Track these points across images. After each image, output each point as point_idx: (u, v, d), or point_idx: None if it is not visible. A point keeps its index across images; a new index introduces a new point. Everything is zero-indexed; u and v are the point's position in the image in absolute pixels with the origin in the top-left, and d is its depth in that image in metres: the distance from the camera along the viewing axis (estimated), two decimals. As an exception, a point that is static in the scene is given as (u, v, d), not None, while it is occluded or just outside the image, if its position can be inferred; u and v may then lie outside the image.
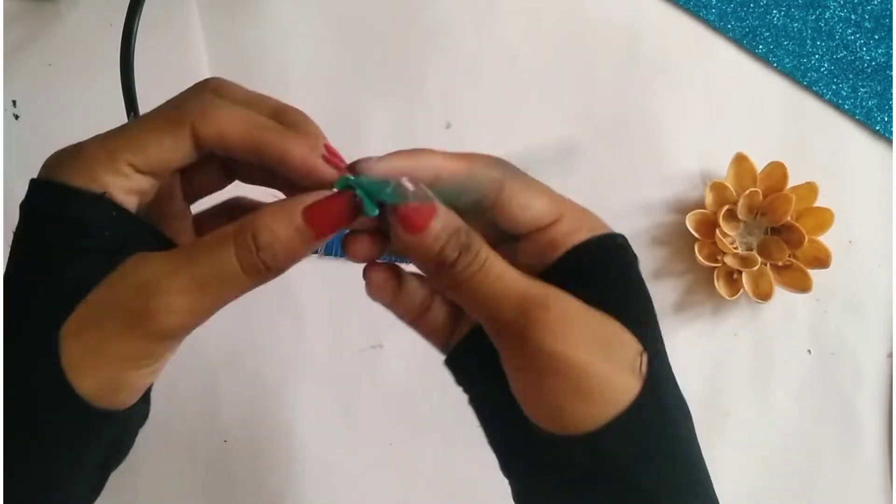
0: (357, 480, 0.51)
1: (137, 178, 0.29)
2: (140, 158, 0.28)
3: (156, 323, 0.27)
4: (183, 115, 0.29)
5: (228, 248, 0.27)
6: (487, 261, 0.29)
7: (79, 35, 0.53)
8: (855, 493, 0.51)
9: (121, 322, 0.27)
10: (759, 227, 0.52)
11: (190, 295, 0.27)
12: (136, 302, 0.27)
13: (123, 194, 0.29)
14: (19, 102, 0.52)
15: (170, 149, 0.29)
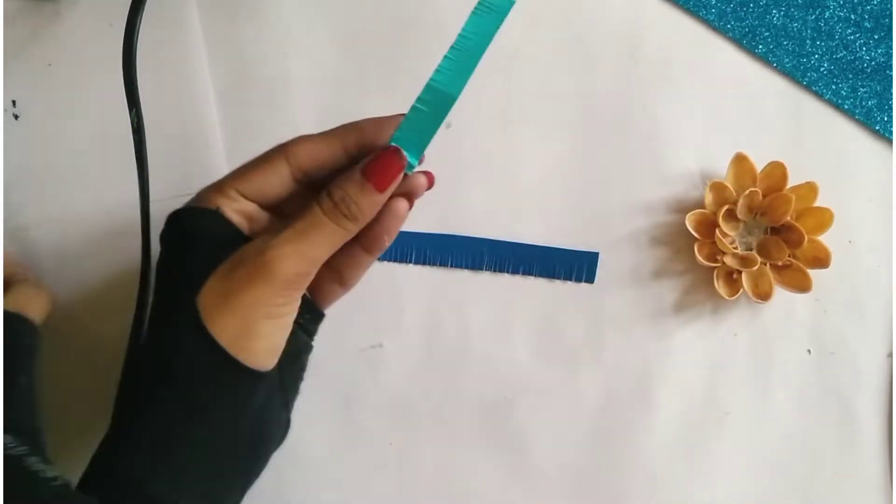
0: (357, 480, 0.51)
1: (243, 202, 0.38)
2: (244, 185, 0.38)
3: (273, 265, 0.34)
4: (279, 149, 0.38)
5: (314, 207, 0.36)
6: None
7: (79, 35, 0.53)
8: (855, 492, 0.51)
9: (245, 275, 0.35)
10: (758, 227, 0.52)
11: (295, 242, 0.35)
12: (254, 257, 0.35)
13: (232, 213, 0.38)
14: (19, 102, 0.52)
15: (268, 176, 0.38)
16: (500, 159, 0.53)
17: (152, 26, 0.51)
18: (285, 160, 0.38)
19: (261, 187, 0.38)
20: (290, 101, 0.53)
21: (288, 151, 0.38)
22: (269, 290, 0.34)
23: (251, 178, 0.38)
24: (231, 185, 0.37)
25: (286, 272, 0.34)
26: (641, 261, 0.52)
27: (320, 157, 0.38)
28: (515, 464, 0.51)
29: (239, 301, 0.34)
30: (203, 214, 0.37)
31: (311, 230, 0.35)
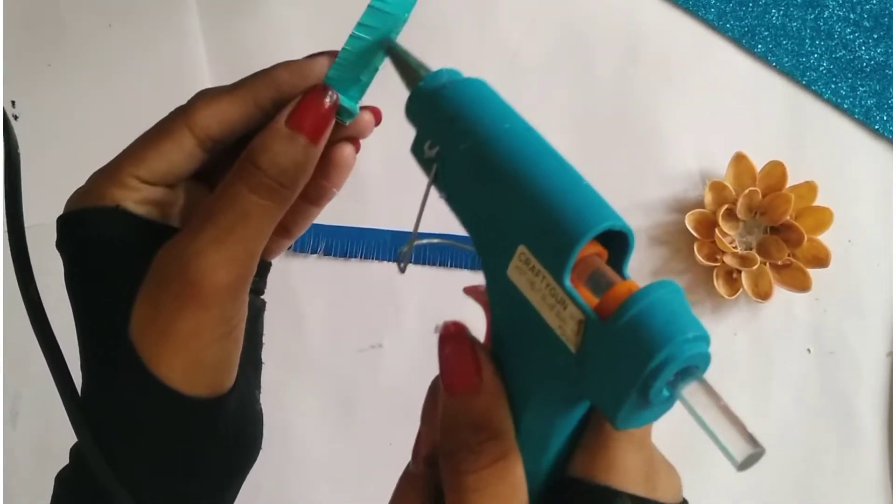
0: (357, 480, 0.51)
1: (147, 189, 0.30)
2: (142, 169, 0.29)
3: (204, 285, 0.27)
4: (175, 118, 0.30)
5: (236, 185, 0.28)
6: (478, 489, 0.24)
7: (79, 35, 0.53)
8: (855, 490, 0.51)
9: (175, 299, 0.27)
10: (758, 227, 0.52)
11: (222, 245, 0.27)
12: (179, 275, 0.27)
13: (137, 205, 0.29)
14: (19, 103, 0.52)
15: (171, 151, 0.29)
16: (499, 159, 0.53)
17: (152, 27, 0.52)
18: (187, 129, 0.29)
19: (163, 168, 0.29)
20: (289, 101, 0.53)
21: (189, 118, 0.29)
22: (206, 314, 0.27)
23: (149, 158, 0.29)
24: (127, 172, 0.29)
25: (219, 285, 0.27)
26: (641, 260, 0.52)
27: (229, 118, 0.30)
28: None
29: (176, 333, 0.27)
30: (102, 215, 0.29)
31: (238, 221, 0.27)
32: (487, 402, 0.25)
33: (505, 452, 0.24)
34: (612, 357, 0.20)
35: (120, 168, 0.30)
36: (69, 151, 0.52)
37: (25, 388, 0.51)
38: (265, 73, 0.30)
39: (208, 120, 0.29)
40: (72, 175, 0.52)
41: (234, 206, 0.28)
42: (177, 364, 0.28)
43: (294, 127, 0.28)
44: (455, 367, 0.25)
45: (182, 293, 0.27)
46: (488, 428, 0.24)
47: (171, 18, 0.53)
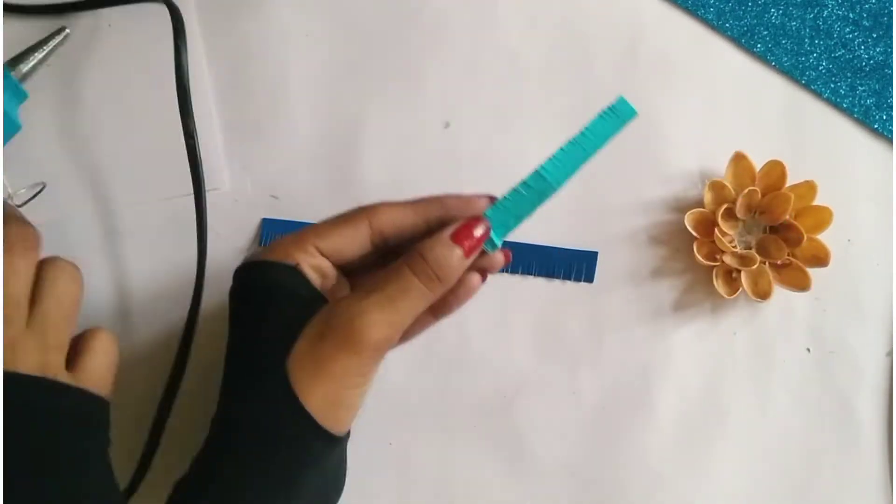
0: (356, 480, 0.51)
1: (321, 259, 0.38)
2: (325, 243, 0.38)
3: (363, 337, 0.34)
4: (361, 213, 0.39)
5: (404, 269, 0.36)
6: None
7: (78, 35, 0.53)
8: (854, 491, 0.51)
9: (335, 344, 0.35)
10: (757, 226, 0.52)
11: (384, 309, 0.35)
12: (344, 325, 0.35)
13: (309, 269, 0.37)
14: (18, 103, 0.52)
15: (349, 237, 0.38)
16: (498, 158, 0.53)
17: (151, 27, 0.52)
18: (368, 222, 0.38)
19: (340, 246, 0.38)
20: (289, 101, 0.53)
21: (371, 214, 0.38)
22: (358, 360, 0.35)
23: (332, 235, 0.38)
24: (311, 241, 0.38)
25: (376, 340, 0.35)
26: (641, 260, 0.52)
27: (402, 224, 0.38)
28: (515, 463, 0.51)
29: (329, 371, 0.34)
30: (281, 269, 0.37)
31: (399, 295, 0.35)
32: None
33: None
34: None
35: (306, 237, 0.38)
36: (68, 152, 0.52)
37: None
38: (438, 197, 0.40)
39: (385, 219, 0.38)
40: (71, 175, 0.52)
41: (399, 281, 0.35)
42: (319, 395, 0.34)
43: (454, 240, 0.36)
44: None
45: (343, 339, 0.34)
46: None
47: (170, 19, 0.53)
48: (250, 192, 0.53)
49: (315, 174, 0.53)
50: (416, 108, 0.53)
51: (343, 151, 0.53)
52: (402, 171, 0.53)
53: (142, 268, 0.51)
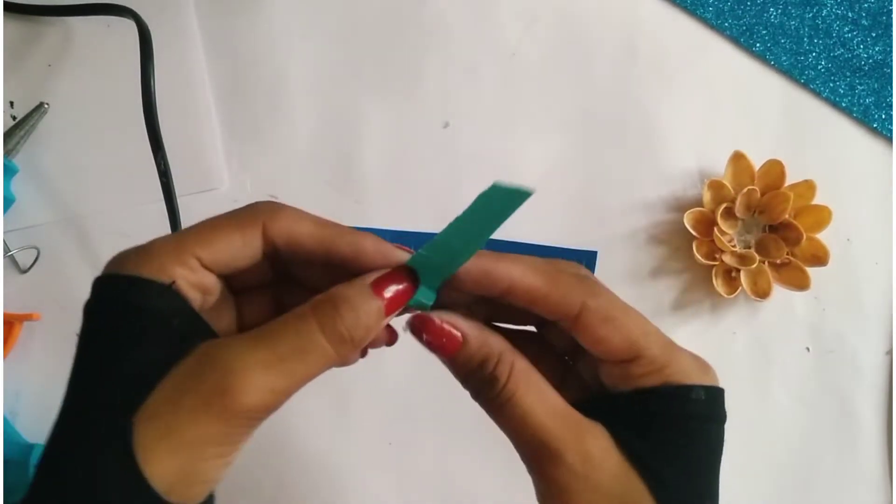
0: (356, 480, 0.51)
1: (203, 274, 0.29)
2: (208, 253, 0.29)
3: (235, 401, 0.26)
4: (255, 216, 0.29)
5: (308, 322, 0.28)
6: (514, 396, 0.28)
7: (78, 36, 0.53)
8: (854, 490, 0.51)
9: (198, 403, 0.27)
10: (757, 225, 0.52)
11: (270, 371, 0.27)
12: (213, 380, 0.27)
13: (189, 288, 0.29)
14: (17, 104, 0.52)
15: (239, 246, 0.29)
16: (497, 158, 0.53)
17: (150, 27, 0.51)
18: (261, 229, 0.29)
19: (226, 256, 0.29)
20: (288, 101, 0.53)
21: (267, 223, 0.29)
22: (223, 428, 0.27)
23: (218, 242, 0.29)
24: (193, 251, 0.29)
25: (251, 408, 0.27)
26: (640, 259, 0.52)
27: (301, 241, 0.30)
28: (514, 463, 0.51)
29: (185, 439, 0.26)
30: (152, 289, 0.28)
31: (295, 356, 0.27)
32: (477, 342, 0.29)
33: (512, 360, 0.29)
34: None
35: (185, 246, 0.29)
36: (68, 153, 0.52)
37: (25, 388, 0.51)
38: (353, 231, 0.30)
39: (283, 231, 0.29)
40: (70, 177, 0.52)
41: (298, 338, 0.27)
42: (168, 467, 0.26)
43: (375, 291, 0.29)
44: (438, 343, 0.29)
45: (209, 399, 0.26)
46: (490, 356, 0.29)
47: (170, 19, 0.53)
48: (249, 192, 0.53)
49: (314, 174, 0.53)
50: (416, 107, 0.53)
51: (342, 151, 0.53)
52: (401, 171, 0.53)
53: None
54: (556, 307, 0.29)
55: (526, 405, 0.28)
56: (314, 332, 0.27)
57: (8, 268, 0.51)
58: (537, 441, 0.28)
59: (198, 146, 0.52)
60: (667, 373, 0.30)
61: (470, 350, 0.29)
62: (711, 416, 0.30)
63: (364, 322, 0.28)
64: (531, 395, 0.29)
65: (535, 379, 0.29)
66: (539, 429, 0.28)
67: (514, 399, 0.28)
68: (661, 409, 0.29)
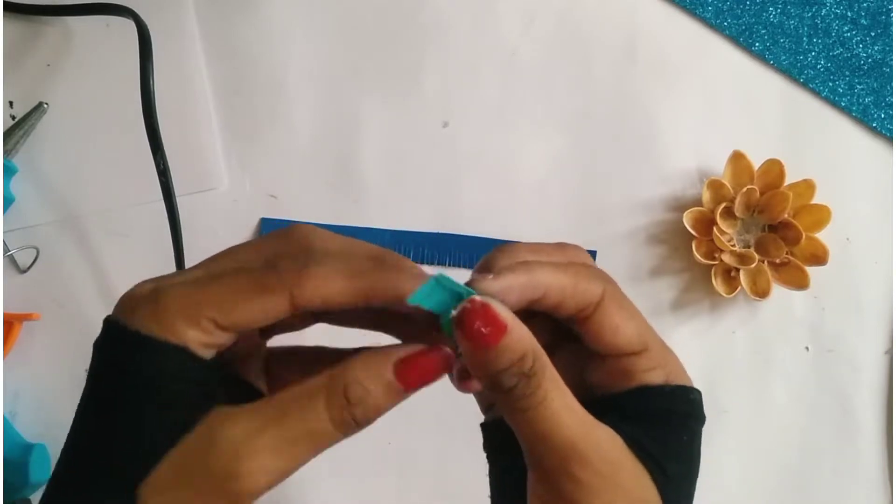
0: (356, 480, 0.51)
1: (218, 335, 0.28)
2: (225, 318, 0.27)
3: (244, 485, 0.26)
4: (279, 282, 0.27)
5: (319, 403, 0.27)
6: (546, 398, 0.27)
7: (77, 36, 0.53)
8: (853, 489, 0.51)
9: (205, 484, 0.26)
10: (756, 225, 0.52)
11: (279, 454, 0.26)
12: (222, 463, 0.26)
13: (203, 349, 0.28)
14: (16, 103, 0.52)
15: (260, 312, 0.27)
16: (497, 158, 0.53)
17: (149, 27, 0.51)
18: (288, 296, 0.27)
19: (245, 322, 0.27)
20: (287, 100, 0.53)
21: (296, 288, 0.27)
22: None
23: (235, 309, 0.27)
24: (208, 314, 0.27)
25: (257, 490, 0.26)
26: (639, 259, 0.52)
27: (335, 302, 0.28)
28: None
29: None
30: (165, 351, 0.27)
31: (302, 440, 0.27)
32: (519, 333, 0.27)
33: (546, 363, 0.27)
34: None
35: (201, 308, 0.27)
36: (67, 152, 0.52)
37: (25, 388, 0.51)
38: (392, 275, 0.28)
39: (314, 297, 0.27)
40: (69, 177, 0.52)
41: (308, 425, 0.27)
42: None
43: (399, 375, 0.27)
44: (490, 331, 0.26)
45: (218, 483, 0.26)
46: (528, 351, 0.27)
47: (169, 19, 0.53)
48: (249, 192, 0.52)
49: (314, 173, 0.53)
50: (415, 107, 0.53)
51: (342, 150, 0.53)
52: (401, 171, 0.53)
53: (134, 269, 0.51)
54: (579, 302, 0.29)
55: (556, 407, 0.27)
56: (322, 415, 0.27)
57: (7, 267, 0.51)
58: (568, 444, 0.27)
59: (197, 146, 0.52)
60: (668, 370, 0.30)
61: (512, 341, 0.26)
62: (702, 417, 0.31)
63: (376, 407, 0.27)
64: (561, 398, 0.28)
65: (560, 380, 0.28)
66: (570, 430, 0.27)
67: (547, 401, 0.27)
68: (668, 406, 0.29)
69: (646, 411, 0.29)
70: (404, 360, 0.27)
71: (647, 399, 0.29)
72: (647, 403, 0.29)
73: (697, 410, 0.30)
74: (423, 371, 0.27)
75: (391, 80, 0.54)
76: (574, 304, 0.29)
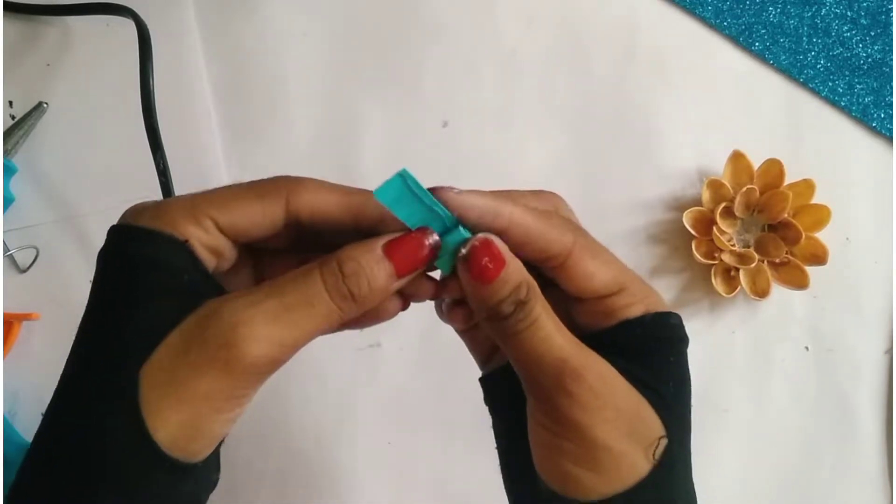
0: (356, 479, 0.51)
1: (218, 237, 0.29)
2: (225, 217, 0.29)
3: (240, 353, 0.27)
4: (277, 188, 0.30)
5: (314, 275, 0.28)
6: (538, 320, 0.29)
7: (77, 35, 0.53)
8: (853, 488, 0.51)
9: (203, 356, 0.27)
10: (756, 225, 0.52)
11: (276, 322, 0.27)
12: (218, 334, 0.27)
13: (202, 249, 0.29)
14: (16, 103, 0.52)
15: (258, 216, 0.29)
16: (496, 157, 0.53)
17: (149, 27, 0.51)
18: (283, 201, 0.29)
19: (244, 224, 0.29)
20: (287, 100, 0.53)
21: (291, 192, 0.29)
22: (230, 383, 0.27)
23: (237, 211, 0.29)
24: (209, 214, 0.29)
25: (257, 360, 0.27)
26: (639, 258, 0.52)
27: (325, 212, 0.30)
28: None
29: (190, 393, 0.27)
30: (166, 243, 0.28)
31: (300, 307, 0.27)
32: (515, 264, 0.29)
33: (537, 291, 0.29)
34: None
35: (201, 206, 0.29)
36: (67, 152, 0.52)
37: (24, 388, 0.51)
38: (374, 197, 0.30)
39: (307, 204, 0.30)
40: (69, 177, 0.52)
41: (304, 290, 0.28)
42: (172, 421, 0.27)
43: (388, 255, 0.28)
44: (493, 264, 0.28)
45: (214, 353, 0.27)
46: (523, 281, 0.29)
47: (169, 19, 0.53)
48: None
49: (313, 173, 0.52)
50: (415, 106, 0.53)
51: (341, 150, 0.53)
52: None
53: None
54: (545, 249, 0.30)
55: (549, 328, 0.29)
56: (319, 286, 0.28)
57: (7, 267, 0.51)
58: (560, 361, 0.28)
59: (197, 145, 0.52)
60: (647, 302, 0.31)
61: (510, 272, 0.29)
62: (685, 338, 0.32)
63: (369, 282, 0.28)
64: (552, 320, 0.29)
65: (549, 307, 0.29)
66: (562, 349, 0.29)
67: (539, 322, 0.29)
68: (651, 334, 0.31)
69: (631, 343, 0.30)
70: (393, 241, 0.29)
71: (631, 331, 0.30)
72: (631, 335, 0.30)
73: (680, 332, 0.31)
74: (410, 250, 0.29)
75: (391, 80, 0.54)
76: (540, 249, 0.30)
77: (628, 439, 0.29)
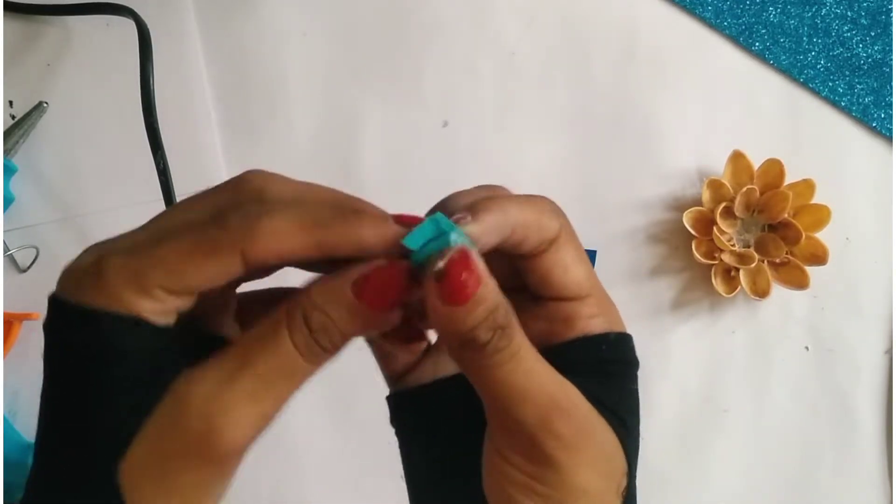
0: (356, 480, 0.51)
1: (169, 300, 0.25)
2: (175, 283, 0.25)
3: (225, 442, 0.24)
4: (229, 238, 0.25)
5: (283, 336, 0.25)
6: (520, 351, 0.25)
7: (77, 35, 0.53)
8: (853, 488, 0.51)
9: (185, 449, 0.25)
10: (756, 225, 0.52)
11: (255, 399, 0.25)
12: (197, 424, 0.24)
13: (158, 317, 0.25)
14: (16, 103, 0.52)
15: (212, 274, 0.25)
16: (496, 157, 0.53)
17: (149, 27, 0.51)
18: (239, 256, 0.25)
19: (198, 283, 0.25)
20: (287, 100, 0.53)
21: (247, 246, 0.25)
22: (217, 470, 0.25)
23: (185, 273, 0.25)
24: (156, 282, 0.25)
25: (241, 444, 0.25)
26: (639, 259, 0.52)
27: (289, 255, 0.25)
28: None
29: (176, 486, 0.25)
30: (117, 324, 0.25)
31: (275, 378, 0.25)
32: (492, 283, 0.25)
33: (513, 314, 0.25)
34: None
35: (147, 276, 0.25)
36: (67, 152, 0.52)
37: (24, 388, 0.51)
38: (350, 221, 0.25)
39: (267, 253, 0.25)
40: (69, 177, 0.52)
41: (278, 362, 0.25)
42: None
43: (359, 295, 0.25)
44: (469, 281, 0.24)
45: (197, 447, 0.25)
46: (501, 303, 0.25)
47: (168, 18, 0.53)
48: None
49: (313, 173, 0.53)
50: (415, 107, 0.53)
51: (341, 150, 0.53)
52: (401, 170, 0.53)
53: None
54: (540, 238, 0.27)
55: (531, 359, 0.26)
56: (289, 348, 0.25)
57: (7, 267, 0.51)
58: (547, 398, 0.26)
59: (197, 145, 0.52)
60: (610, 318, 0.29)
61: (488, 291, 0.24)
62: (636, 359, 0.30)
63: (341, 332, 0.25)
64: (532, 350, 0.26)
65: (523, 331, 0.26)
66: (548, 386, 0.26)
67: (521, 353, 0.25)
68: (615, 357, 0.29)
69: (594, 362, 0.28)
70: (362, 278, 0.25)
71: (595, 348, 0.28)
72: (594, 353, 0.28)
73: (635, 356, 0.30)
74: (383, 285, 0.25)
75: (391, 80, 0.54)
76: (536, 240, 0.27)
77: (605, 481, 0.27)
